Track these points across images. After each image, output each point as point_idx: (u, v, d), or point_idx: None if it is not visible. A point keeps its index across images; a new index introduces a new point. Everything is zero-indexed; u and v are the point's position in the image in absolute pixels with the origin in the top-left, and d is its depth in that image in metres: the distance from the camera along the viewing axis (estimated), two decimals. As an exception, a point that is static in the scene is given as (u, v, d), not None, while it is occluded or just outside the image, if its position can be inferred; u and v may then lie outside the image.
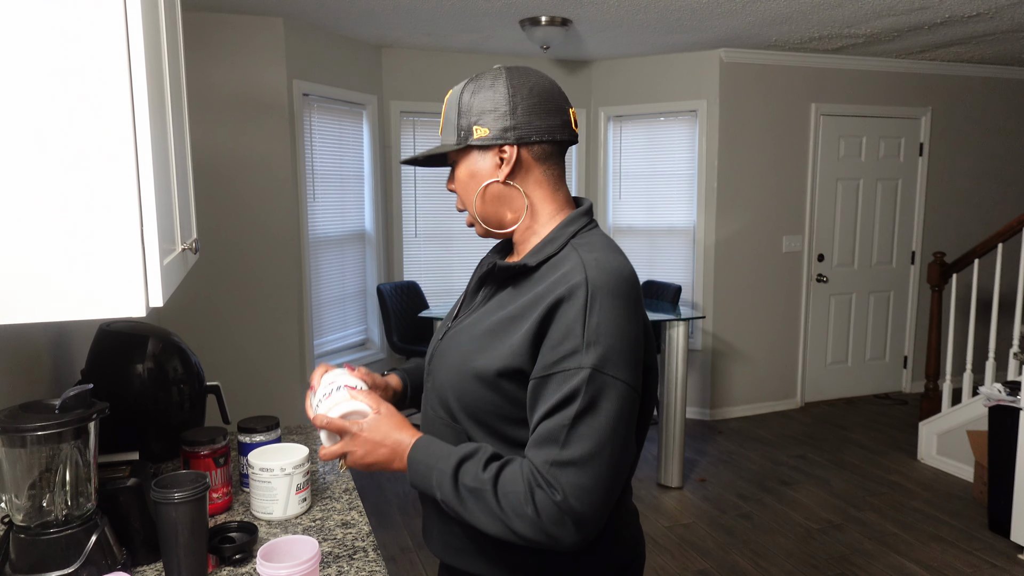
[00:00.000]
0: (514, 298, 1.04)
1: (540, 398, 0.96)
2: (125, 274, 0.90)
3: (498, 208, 1.09)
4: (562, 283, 0.97)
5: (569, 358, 0.93)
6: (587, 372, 0.92)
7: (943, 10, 3.65)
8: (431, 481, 0.98)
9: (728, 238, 4.79)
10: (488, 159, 1.06)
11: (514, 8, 3.60)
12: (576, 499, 0.90)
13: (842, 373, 5.28)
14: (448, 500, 0.97)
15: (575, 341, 0.94)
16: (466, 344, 1.06)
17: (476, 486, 0.94)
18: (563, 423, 0.92)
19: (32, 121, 0.85)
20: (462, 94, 1.07)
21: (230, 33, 3.66)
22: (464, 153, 1.08)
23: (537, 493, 0.91)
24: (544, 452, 0.93)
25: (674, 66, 4.75)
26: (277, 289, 3.89)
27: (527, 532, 0.92)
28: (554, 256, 1.04)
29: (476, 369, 1.01)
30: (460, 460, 0.97)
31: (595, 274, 0.97)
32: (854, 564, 2.99)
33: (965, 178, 5.37)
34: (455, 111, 1.07)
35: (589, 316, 0.94)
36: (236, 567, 1.23)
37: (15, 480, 1.06)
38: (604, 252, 1.02)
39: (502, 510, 0.93)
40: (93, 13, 0.85)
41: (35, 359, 1.50)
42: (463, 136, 1.06)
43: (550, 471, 0.91)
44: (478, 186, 1.07)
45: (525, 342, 0.97)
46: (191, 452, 1.40)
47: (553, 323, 0.96)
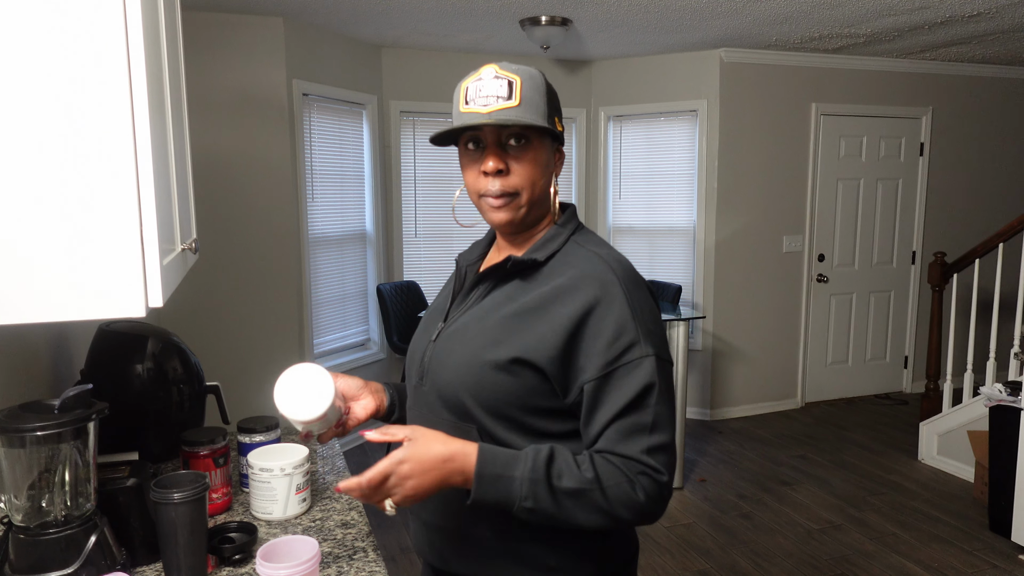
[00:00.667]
0: (525, 291, 1.06)
1: (609, 393, 0.98)
2: (125, 274, 0.90)
3: (545, 201, 1.12)
4: (590, 281, 1.02)
5: (630, 350, 0.98)
6: (653, 359, 0.99)
7: (943, 10, 3.65)
8: (515, 491, 0.95)
9: (728, 238, 4.79)
10: (552, 153, 1.11)
11: (514, 8, 3.60)
12: (671, 476, 0.99)
13: (842, 373, 5.28)
14: (543, 506, 0.95)
15: (632, 334, 0.99)
16: (476, 338, 1.05)
17: (578, 487, 0.95)
18: (647, 411, 0.98)
19: (32, 121, 0.85)
20: (543, 84, 1.06)
21: (230, 33, 3.65)
22: (543, 139, 1.07)
23: (641, 480, 0.96)
24: (638, 443, 0.97)
25: (674, 66, 4.75)
26: (277, 289, 3.89)
27: (631, 517, 0.97)
28: (559, 251, 1.09)
29: (492, 359, 1.02)
30: (547, 463, 0.96)
31: (620, 270, 1.04)
32: (854, 564, 2.99)
33: (965, 178, 5.37)
34: (541, 95, 1.05)
35: (635, 308, 1.00)
36: (236, 567, 1.23)
37: (14, 480, 1.05)
38: (609, 249, 1.10)
39: (609, 503, 0.96)
40: (93, 13, 0.85)
41: (35, 359, 1.50)
42: (552, 123, 1.07)
43: (649, 458, 0.97)
44: (547, 174, 1.10)
45: (557, 336, 1.00)
46: (191, 452, 1.40)
47: (595, 322, 0.99)
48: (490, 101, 1.02)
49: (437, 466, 0.96)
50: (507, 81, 1.03)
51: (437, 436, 0.98)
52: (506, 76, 1.04)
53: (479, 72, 1.05)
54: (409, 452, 0.96)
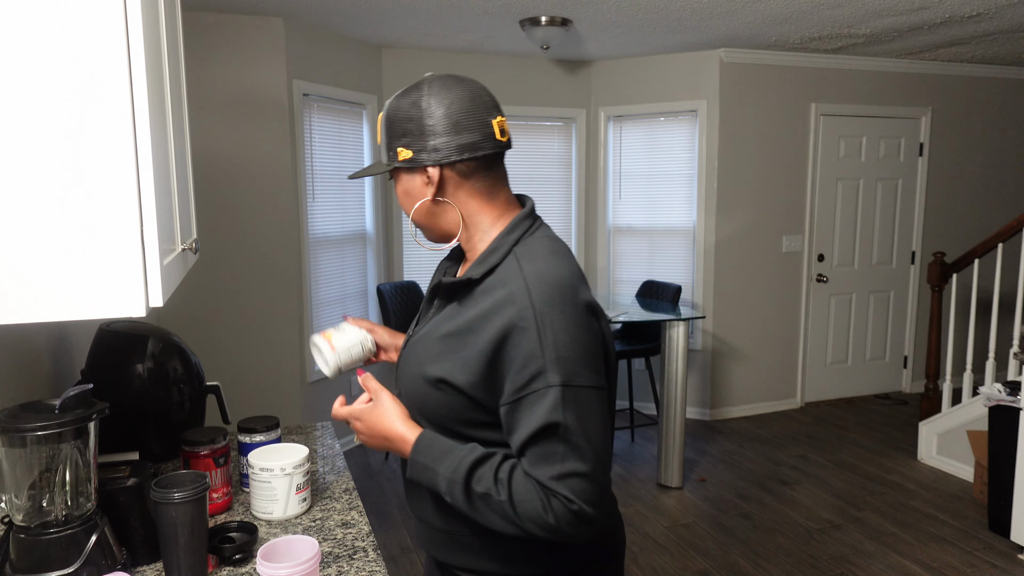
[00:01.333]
0: (461, 312, 1.08)
1: (518, 421, 1.00)
2: (125, 274, 0.90)
3: (434, 223, 1.13)
4: (508, 305, 1.01)
5: (536, 379, 0.98)
6: (558, 390, 0.97)
7: (943, 10, 3.65)
8: (438, 484, 1.04)
9: (728, 238, 4.79)
10: (417, 179, 1.09)
11: (514, 8, 3.60)
12: (588, 503, 0.98)
13: (842, 373, 5.28)
14: (459, 505, 1.03)
15: (538, 363, 0.98)
16: (421, 353, 1.10)
17: (491, 495, 1.00)
18: (556, 441, 0.98)
19: (32, 121, 0.85)
20: (387, 111, 1.09)
21: (230, 33, 3.66)
22: (396, 173, 1.11)
23: (553, 503, 0.98)
24: (547, 469, 0.98)
25: (674, 66, 4.75)
26: (277, 289, 3.89)
27: (543, 534, 0.99)
28: (498, 266, 1.07)
29: (426, 375, 1.07)
30: (471, 468, 1.01)
31: (538, 291, 1.00)
32: (854, 564, 2.99)
33: (965, 178, 5.37)
34: (385, 130, 1.10)
35: (544, 336, 0.98)
36: (236, 567, 1.23)
37: (15, 480, 1.06)
38: (545, 261, 1.04)
39: (519, 517, 0.99)
40: (93, 13, 0.85)
41: (35, 359, 1.50)
42: (391, 157, 1.10)
43: (559, 485, 0.97)
44: (413, 203, 1.11)
45: (478, 363, 1.02)
46: (191, 452, 1.40)
47: (509, 348, 1.00)
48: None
49: (380, 438, 1.11)
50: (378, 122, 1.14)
51: (390, 413, 1.10)
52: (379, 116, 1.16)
53: None
54: (364, 415, 1.12)
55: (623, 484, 3.85)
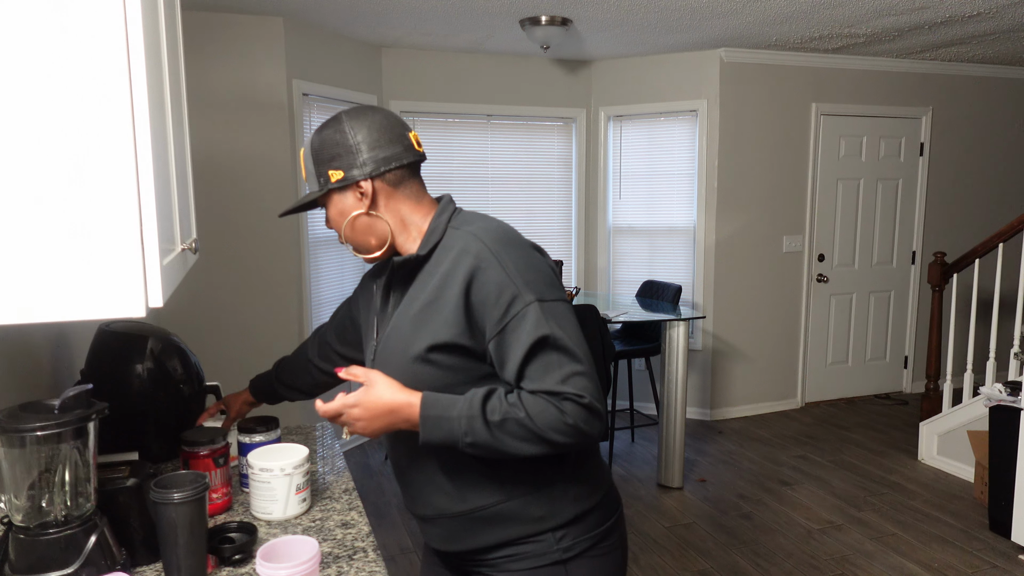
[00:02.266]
0: (422, 288, 1.17)
1: (509, 346, 1.09)
2: (125, 274, 0.90)
3: (366, 236, 1.22)
4: (464, 256, 1.12)
5: (513, 304, 1.09)
6: (535, 304, 1.09)
7: (943, 10, 3.65)
8: (454, 430, 1.08)
9: (728, 238, 4.79)
10: (349, 196, 1.20)
11: (514, 8, 3.60)
12: (592, 396, 1.08)
13: (842, 373, 5.28)
14: (481, 440, 1.08)
15: (510, 290, 1.09)
16: (398, 343, 1.18)
17: (509, 416, 1.07)
18: (550, 350, 1.08)
19: (31, 121, 0.85)
20: (311, 145, 1.20)
21: (230, 33, 3.66)
22: (328, 196, 1.21)
23: (566, 405, 1.07)
24: (551, 377, 1.07)
25: (674, 66, 4.75)
26: (277, 289, 3.89)
27: (565, 439, 1.07)
28: (440, 242, 1.19)
29: (413, 354, 1.14)
30: (483, 401, 1.08)
31: (487, 237, 1.14)
32: (854, 564, 2.99)
33: (965, 178, 5.37)
34: (311, 161, 1.20)
35: (506, 267, 1.10)
36: (236, 567, 1.23)
37: (14, 480, 1.05)
38: (483, 221, 1.19)
39: (540, 428, 1.06)
40: (93, 13, 0.85)
41: (35, 359, 1.50)
42: (323, 182, 1.19)
43: (565, 386, 1.07)
44: (347, 220, 1.21)
45: (456, 315, 1.11)
46: (191, 452, 1.40)
47: (478, 289, 1.10)
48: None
49: (384, 414, 1.13)
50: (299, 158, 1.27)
51: (389, 385, 1.13)
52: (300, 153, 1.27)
53: None
54: (360, 398, 1.13)
55: (623, 484, 3.85)
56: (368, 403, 1.13)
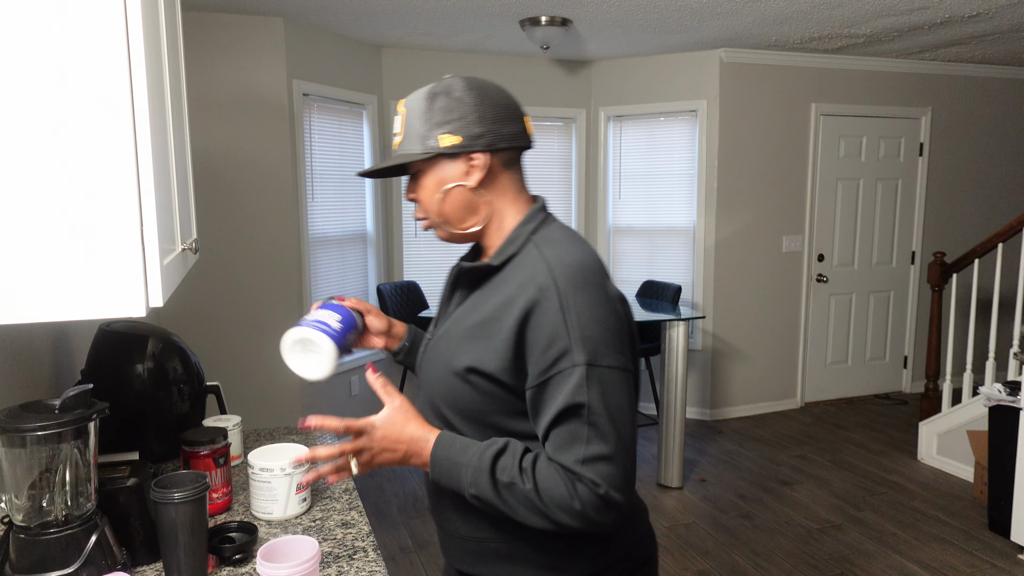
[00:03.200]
0: (484, 300, 1.07)
1: (544, 402, 0.99)
2: (125, 274, 0.90)
3: (463, 214, 1.11)
4: (530, 285, 1.01)
5: (562, 359, 0.97)
6: (583, 369, 0.96)
7: (943, 10, 3.65)
8: (462, 478, 1.01)
9: (728, 238, 4.79)
10: (457, 166, 1.08)
11: (514, 8, 3.60)
12: (613, 488, 0.96)
13: (842, 373, 5.28)
14: (485, 496, 1.00)
15: (563, 342, 0.97)
16: (447, 348, 1.08)
17: (517, 483, 0.98)
18: (580, 422, 0.96)
19: (32, 121, 0.85)
20: (419, 104, 1.08)
21: (230, 33, 3.66)
22: (431, 162, 1.08)
23: (579, 488, 0.95)
24: (572, 452, 0.96)
25: (674, 66, 4.75)
26: (277, 289, 3.89)
27: (571, 522, 0.97)
28: (516, 255, 1.08)
29: (454, 368, 1.05)
30: (495, 457, 0.99)
31: (560, 271, 1.00)
32: (854, 564, 2.99)
33: (965, 178, 5.37)
34: (421, 118, 1.07)
35: (567, 314, 0.97)
36: (236, 567, 1.23)
37: (15, 480, 1.06)
38: (564, 245, 1.05)
39: (545, 505, 0.96)
40: (93, 13, 0.85)
41: (35, 359, 1.50)
42: (431, 145, 1.07)
43: (584, 468, 0.95)
44: (446, 192, 1.09)
45: (506, 349, 1.01)
46: (191, 452, 1.40)
47: (532, 329, 0.99)
48: (394, 138, 1.12)
49: (401, 447, 1.05)
50: (399, 116, 1.10)
51: (411, 414, 1.06)
52: (400, 111, 1.11)
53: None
54: (385, 422, 1.05)
55: (623, 484, 3.85)
56: (388, 427, 1.04)
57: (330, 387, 4.24)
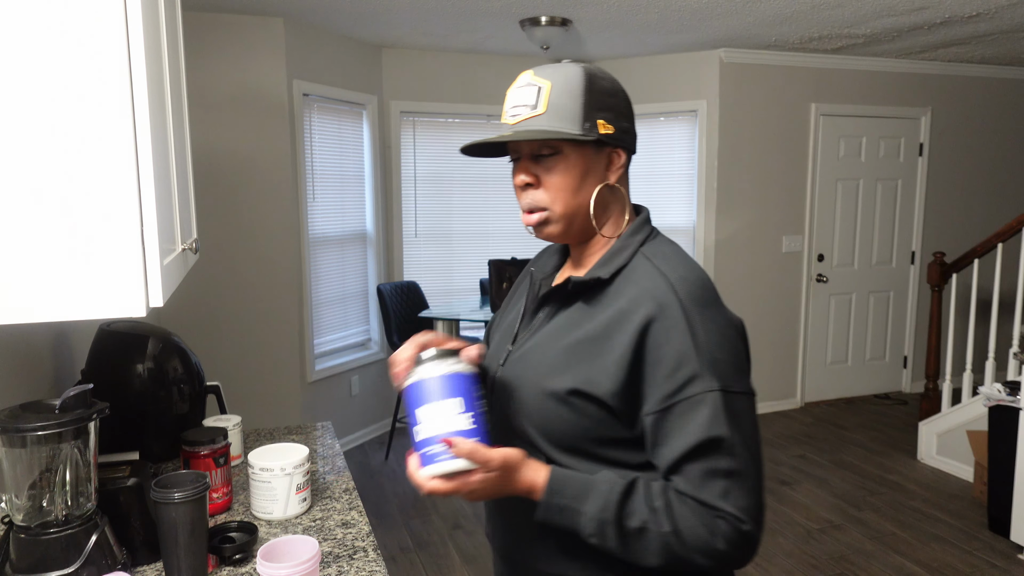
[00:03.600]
0: (590, 315, 0.97)
1: (672, 431, 0.90)
2: (125, 274, 0.90)
3: (597, 211, 1.01)
4: (646, 300, 0.92)
5: (691, 384, 0.89)
6: (718, 395, 0.89)
7: (943, 10, 3.65)
8: (581, 526, 0.91)
9: (728, 238, 4.79)
10: (600, 159, 0.99)
11: (514, 8, 3.60)
12: (755, 522, 0.90)
13: (842, 373, 5.28)
14: (609, 545, 0.90)
15: (692, 365, 0.89)
16: (541, 367, 0.98)
17: (651, 528, 0.89)
18: (720, 455, 0.89)
19: (32, 121, 0.85)
20: (584, 81, 0.96)
21: (230, 33, 3.66)
22: (578, 147, 0.97)
23: (721, 525, 0.88)
24: (712, 487, 0.89)
25: (674, 66, 4.75)
26: (277, 289, 3.89)
27: (706, 562, 0.90)
28: (625, 267, 0.99)
29: (552, 390, 0.95)
30: (620, 503, 0.90)
31: (682, 288, 0.93)
32: (854, 564, 2.99)
33: (965, 178, 5.37)
34: (578, 97, 0.95)
35: (696, 335, 0.90)
36: (236, 567, 1.23)
37: (15, 480, 1.06)
38: (678, 260, 0.98)
39: (684, 548, 0.89)
40: (93, 14, 0.85)
41: (36, 359, 1.50)
42: (589, 128, 0.96)
43: (727, 504, 0.88)
44: (588, 186, 0.98)
45: (618, 370, 0.92)
46: (191, 452, 1.40)
47: (652, 349, 0.91)
48: (519, 111, 0.97)
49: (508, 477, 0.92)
50: (536, 88, 0.96)
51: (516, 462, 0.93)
52: (536, 82, 0.97)
53: (518, 78, 1.00)
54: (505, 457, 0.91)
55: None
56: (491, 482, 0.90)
57: (330, 387, 4.24)
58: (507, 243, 4.99)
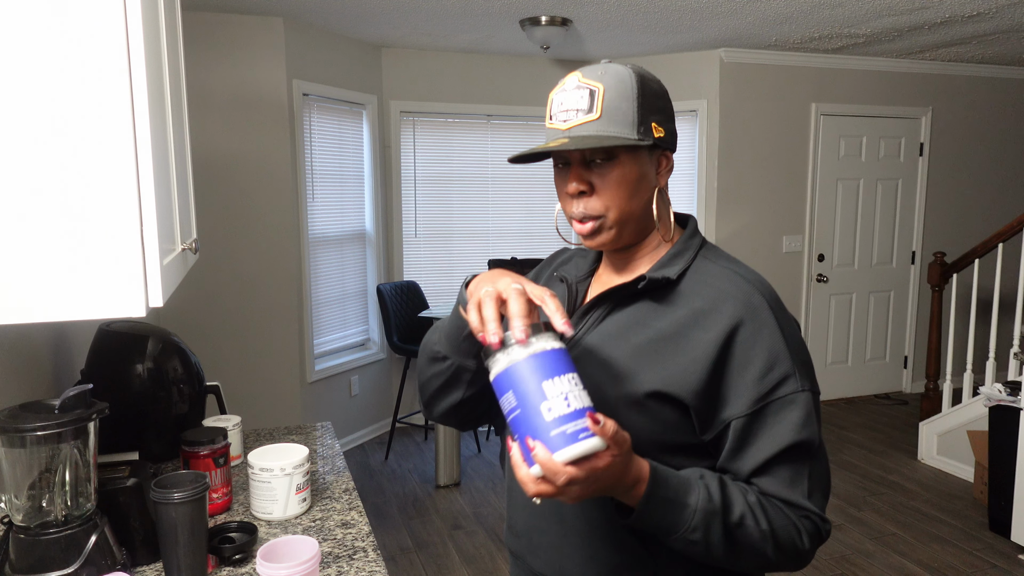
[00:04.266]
0: (659, 314, 0.94)
1: (764, 432, 0.89)
2: (125, 274, 0.90)
3: (650, 216, 0.99)
4: (731, 301, 0.91)
5: (784, 383, 0.89)
6: (809, 395, 0.91)
7: (943, 10, 3.65)
8: (684, 521, 0.85)
9: (728, 238, 4.79)
10: (652, 162, 0.96)
11: (514, 8, 3.60)
12: (826, 520, 0.93)
13: (842, 373, 5.28)
14: (711, 541, 0.86)
15: (786, 365, 0.89)
16: (601, 370, 0.95)
17: (748, 523, 0.87)
18: (808, 456, 0.90)
19: (31, 121, 0.85)
20: (637, 84, 0.93)
21: (230, 33, 3.66)
22: (634, 151, 0.94)
23: (804, 524, 0.90)
24: (799, 487, 0.90)
25: (674, 66, 4.75)
26: (277, 289, 3.89)
27: (790, 563, 0.91)
28: (689, 269, 0.97)
29: (626, 394, 0.92)
30: (722, 494, 0.87)
31: (766, 291, 0.94)
32: (854, 564, 2.99)
33: (965, 178, 5.37)
34: (632, 100, 0.92)
35: (786, 335, 0.91)
36: (236, 567, 1.23)
37: (15, 480, 1.06)
38: (745, 266, 0.99)
39: (776, 546, 0.89)
40: (93, 13, 0.85)
41: (35, 359, 1.50)
42: (644, 132, 0.93)
43: (811, 501, 0.90)
44: (643, 190, 0.96)
45: (701, 367, 0.89)
46: (191, 452, 1.40)
47: (743, 349, 0.89)
48: (570, 116, 0.93)
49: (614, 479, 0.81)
50: (588, 91, 0.93)
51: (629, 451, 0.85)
52: (587, 84, 0.93)
53: (564, 81, 0.96)
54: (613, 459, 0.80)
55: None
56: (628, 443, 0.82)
57: (330, 387, 4.24)
58: (507, 243, 4.99)
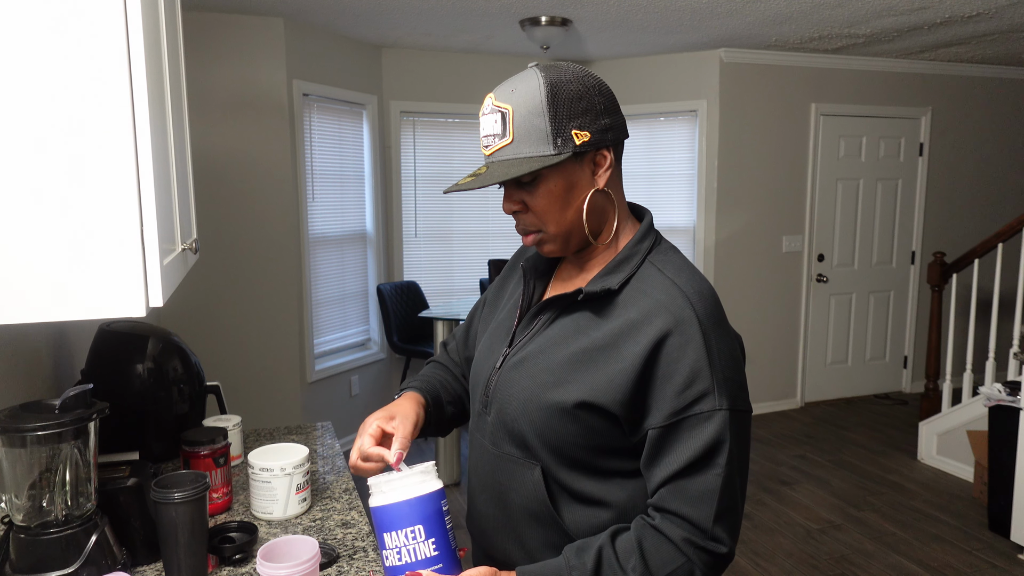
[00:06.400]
0: (596, 324, 0.95)
1: (674, 446, 0.90)
2: (125, 274, 0.90)
3: (595, 222, 0.98)
4: (662, 313, 0.91)
5: (702, 400, 0.89)
6: (726, 414, 0.89)
7: (943, 10, 3.65)
8: None
9: (728, 238, 4.79)
10: (584, 167, 0.95)
11: (514, 8, 3.60)
12: (733, 540, 0.91)
13: (842, 373, 5.28)
14: None
15: (705, 383, 0.89)
16: (541, 374, 0.97)
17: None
18: (716, 473, 0.89)
19: (32, 121, 0.85)
20: (547, 95, 0.91)
21: (230, 33, 3.66)
22: (557, 165, 0.93)
23: (700, 556, 0.89)
24: (704, 507, 0.89)
25: (674, 66, 4.75)
26: (277, 289, 3.89)
27: None
28: (633, 276, 0.97)
29: (558, 401, 0.94)
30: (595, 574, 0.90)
31: (700, 304, 0.92)
32: (854, 564, 2.99)
33: (965, 178, 5.37)
34: (542, 116, 0.91)
35: (711, 354, 0.90)
36: (236, 567, 1.23)
37: (15, 480, 1.06)
38: (691, 273, 0.97)
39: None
40: (93, 13, 0.85)
41: (36, 359, 1.50)
42: (562, 144, 0.91)
43: (717, 525, 0.89)
44: (577, 199, 0.95)
45: (626, 380, 0.91)
46: (191, 452, 1.40)
47: (667, 363, 0.90)
48: (489, 141, 0.95)
49: None
50: (500, 114, 0.93)
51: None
52: (499, 108, 0.93)
53: (484, 103, 0.96)
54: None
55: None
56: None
57: (330, 387, 4.24)
58: (507, 243, 4.99)
